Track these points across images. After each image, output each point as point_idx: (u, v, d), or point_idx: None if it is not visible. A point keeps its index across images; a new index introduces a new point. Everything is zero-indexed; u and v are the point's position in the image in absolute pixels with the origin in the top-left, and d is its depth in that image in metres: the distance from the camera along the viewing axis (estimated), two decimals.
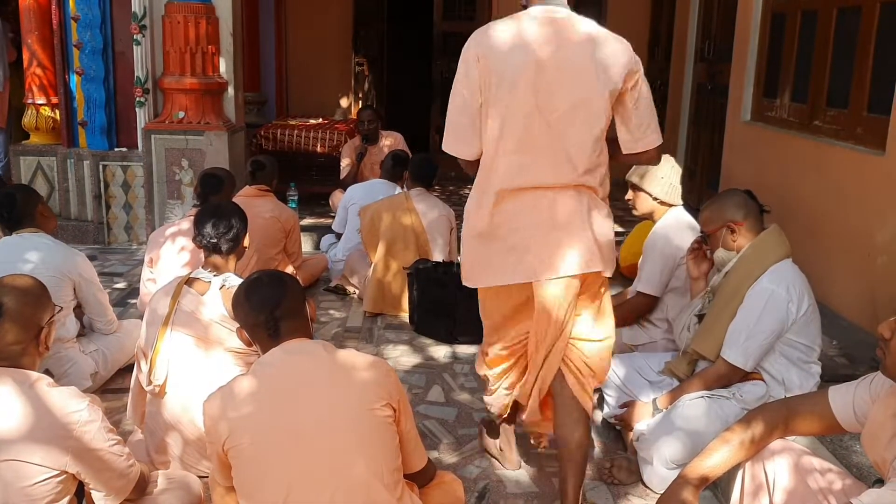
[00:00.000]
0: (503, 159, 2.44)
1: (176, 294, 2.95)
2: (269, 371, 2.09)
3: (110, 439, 2.19)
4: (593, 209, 2.50)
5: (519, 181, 2.43)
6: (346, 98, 9.22)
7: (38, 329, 2.19)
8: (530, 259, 2.43)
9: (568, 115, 2.40)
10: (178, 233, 3.96)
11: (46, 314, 2.23)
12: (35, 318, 2.18)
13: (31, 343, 2.18)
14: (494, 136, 2.44)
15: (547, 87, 2.39)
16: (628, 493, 2.95)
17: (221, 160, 5.83)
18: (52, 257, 3.49)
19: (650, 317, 3.69)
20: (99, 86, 6.01)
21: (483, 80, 2.42)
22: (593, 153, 2.44)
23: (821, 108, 4.79)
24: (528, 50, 2.38)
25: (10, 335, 2.12)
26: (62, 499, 2.13)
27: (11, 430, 2.02)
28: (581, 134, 2.41)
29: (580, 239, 2.45)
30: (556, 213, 2.43)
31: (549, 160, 2.41)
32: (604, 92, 2.39)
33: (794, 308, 2.92)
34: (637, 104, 2.48)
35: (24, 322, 2.14)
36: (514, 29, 2.43)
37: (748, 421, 2.09)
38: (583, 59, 2.40)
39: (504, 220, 2.46)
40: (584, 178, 2.45)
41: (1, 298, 2.11)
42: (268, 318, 2.13)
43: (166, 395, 2.91)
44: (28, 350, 2.18)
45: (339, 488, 1.94)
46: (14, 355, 2.14)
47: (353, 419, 2.02)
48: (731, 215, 3.05)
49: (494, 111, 2.42)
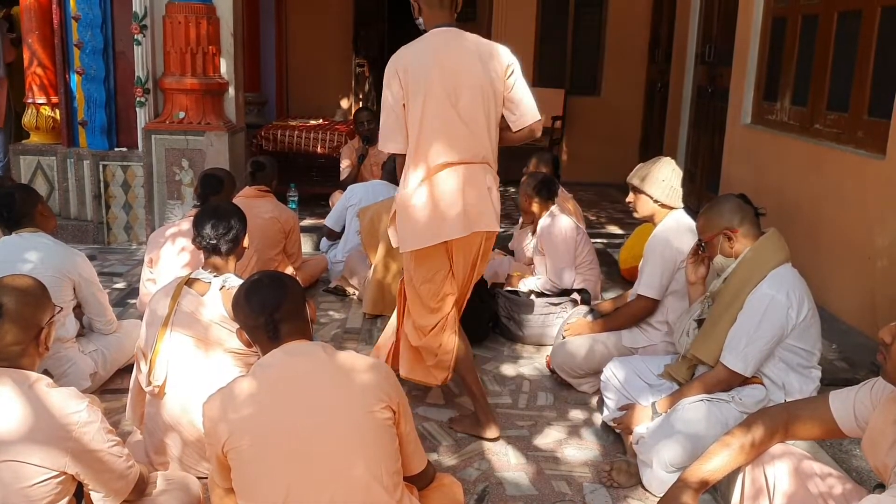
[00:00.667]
0: (425, 144, 3.07)
1: (176, 295, 2.95)
2: (269, 373, 2.09)
3: (109, 440, 2.18)
4: (492, 182, 3.20)
5: (441, 160, 3.07)
6: (347, 99, 9.22)
7: (38, 330, 2.19)
8: (462, 217, 3.08)
9: (469, 105, 3.08)
10: (178, 233, 3.95)
11: (46, 315, 2.23)
12: (35, 319, 2.18)
13: (31, 343, 2.17)
14: (416, 128, 3.07)
15: (451, 84, 3.06)
16: (628, 497, 2.94)
17: (222, 161, 5.83)
18: (52, 257, 3.48)
19: (650, 320, 3.69)
20: (99, 85, 6.01)
21: (404, 87, 3.09)
22: (492, 134, 3.17)
23: (821, 111, 4.79)
24: (434, 58, 3.09)
25: (9, 336, 2.11)
26: (61, 500, 2.12)
27: (10, 430, 2.02)
28: (480, 119, 3.11)
29: (489, 204, 3.17)
30: (474, 182, 3.11)
31: (461, 142, 3.08)
32: (492, 83, 3.11)
33: (793, 313, 2.91)
34: (514, 90, 3.19)
35: (23, 323, 2.14)
36: (422, 46, 3.14)
37: (749, 425, 2.08)
38: (473, 60, 3.11)
39: (434, 190, 3.07)
40: (487, 155, 3.16)
41: (1, 299, 2.11)
42: (267, 320, 2.13)
43: (165, 395, 2.91)
44: (28, 351, 2.17)
45: (337, 490, 1.94)
46: (13, 356, 2.13)
47: (352, 421, 2.01)
48: (726, 222, 3.05)
49: (414, 108, 3.07)
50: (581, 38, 9.18)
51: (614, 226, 7.07)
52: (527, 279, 4.68)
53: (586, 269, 4.64)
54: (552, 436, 3.41)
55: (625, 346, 3.72)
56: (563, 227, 4.52)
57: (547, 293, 4.52)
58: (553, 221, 4.54)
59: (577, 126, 8.98)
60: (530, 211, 4.72)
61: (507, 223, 6.93)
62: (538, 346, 4.39)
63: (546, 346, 4.34)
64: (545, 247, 4.55)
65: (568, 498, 2.93)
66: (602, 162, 8.93)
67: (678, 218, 3.66)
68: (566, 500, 2.92)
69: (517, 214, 7.31)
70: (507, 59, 3.17)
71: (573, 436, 3.42)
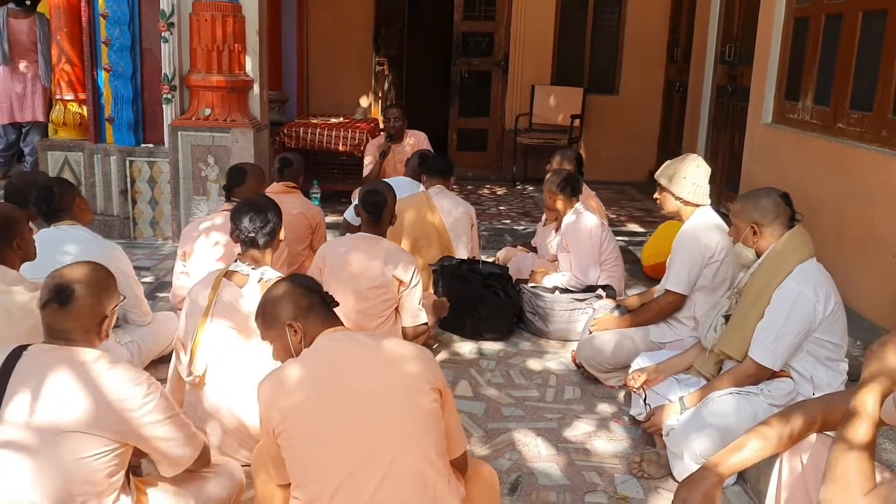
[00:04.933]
0: None
1: (216, 286, 3.01)
2: (319, 359, 2.15)
3: (171, 412, 2.26)
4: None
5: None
6: (366, 97, 9.27)
7: (102, 317, 2.26)
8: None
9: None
10: (211, 227, 4.01)
11: (111, 303, 2.30)
12: (101, 307, 2.25)
13: (94, 329, 2.25)
14: None
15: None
16: (658, 487, 2.99)
17: (247, 157, 5.89)
18: (90, 249, 3.54)
19: (678, 315, 3.74)
20: (126, 82, 6.09)
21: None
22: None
23: (844, 110, 4.82)
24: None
25: (75, 320, 2.20)
26: (119, 472, 2.20)
27: (75, 404, 2.10)
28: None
29: None
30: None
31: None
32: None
33: (820, 307, 2.96)
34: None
35: (90, 309, 2.22)
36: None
37: (787, 415, 2.11)
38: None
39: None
40: None
41: (72, 284, 2.18)
42: (322, 297, 2.24)
43: (206, 385, 2.98)
44: (89, 336, 2.25)
45: (390, 474, 1.99)
46: (76, 339, 2.21)
47: (402, 405, 2.07)
48: (759, 216, 3.08)
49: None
50: (600, 37, 9.21)
51: (634, 224, 7.10)
52: (551, 275, 4.72)
53: (611, 265, 4.68)
54: (581, 428, 3.46)
55: (652, 341, 3.77)
56: (589, 224, 4.56)
57: (571, 289, 4.56)
58: (578, 218, 4.59)
59: (596, 125, 9.01)
60: (554, 208, 4.76)
61: (528, 221, 6.99)
62: (563, 342, 4.44)
63: (571, 341, 4.38)
64: (570, 243, 4.59)
65: (600, 488, 2.98)
66: (620, 161, 8.96)
67: (706, 215, 3.70)
68: (598, 490, 2.97)
69: (536, 213, 7.38)
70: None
71: (602, 428, 3.47)
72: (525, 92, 8.99)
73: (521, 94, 9.02)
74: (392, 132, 6.56)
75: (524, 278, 4.93)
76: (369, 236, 3.88)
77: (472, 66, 9.39)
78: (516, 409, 3.63)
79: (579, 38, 9.18)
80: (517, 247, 5.63)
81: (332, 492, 1.96)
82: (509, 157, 9.05)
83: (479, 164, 9.36)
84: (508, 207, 7.69)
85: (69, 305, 2.19)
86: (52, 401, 2.11)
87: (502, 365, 4.15)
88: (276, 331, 2.28)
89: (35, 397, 2.11)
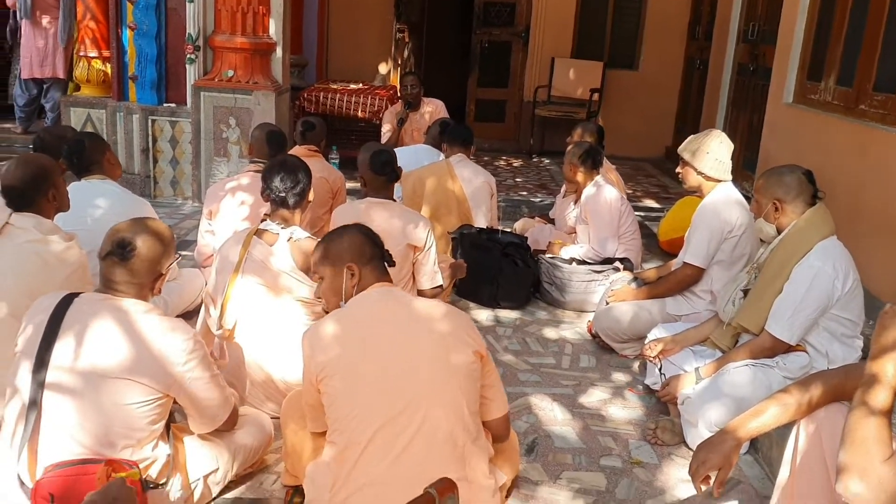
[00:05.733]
0: None
1: (246, 243, 3.08)
2: (364, 312, 2.22)
3: (212, 370, 2.35)
4: None
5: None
6: (385, 64, 9.27)
7: (158, 275, 2.33)
8: None
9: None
10: (237, 187, 4.07)
11: (168, 261, 2.37)
12: (158, 265, 2.33)
13: (148, 285, 2.32)
14: None
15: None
16: (671, 454, 3.07)
17: (268, 120, 5.92)
18: (121, 204, 3.62)
19: (695, 288, 3.79)
20: (151, 41, 6.12)
21: None
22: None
23: (867, 91, 4.82)
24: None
25: (134, 275, 2.27)
26: (159, 421, 2.29)
27: (126, 351, 2.18)
28: None
29: None
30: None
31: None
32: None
33: (839, 284, 3.01)
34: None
35: (148, 265, 2.29)
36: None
37: (807, 384, 2.17)
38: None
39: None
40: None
41: (135, 240, 2.25)
42: (383, 253, 2.33)
43: (234, 339, 3.05)
44: (143, 291, 2.32)
45: (422, 428, 2.07)
46: (130, 292, 2.29)
47: (436, 363, 2.15)
48: (782, 193, 3.12)
49: None
50: (621, 11, 9.18)
51: (650, 199, 7.14)
52: (569, 247, 4.77)
53: (629, 239, 4.73)
54: (596, 395, 3.53)
55: (668, 314, 3.82)
56: (609, 197, 4.60)
57: (589, 261, 4.62)
58: (599, 191, 4.63)
59: (614, 100, 9.01)
60: (575, 180, 4.80)
61: (545, 193, 7.03)
62: (579, 312, 4.50)
63: (587, 312, 4.45)
64: (590, 216, 4.64)
65: (615, 452, 3.06)
66: (638, 136, 8.97)
67: (727, 190, 3.74)
68: (613, 454, 3.05)
69: (553, 185, 7.42)
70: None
71: (617, 396, 3.54)
72: (545, 64, 8.98)
73: (541, 66, 9.02)
74: (410, 100, 6.59)
75: (541, 249, 4.98)
76: (382, 201, 3.87)
77: (493, 36, 9.38)
78: (532, 374, 3.70)
79: (601, 11, 9.16)
80: (535, 217, 5.68)
81: (367, 439, 2.05)
82: (527, 129, 9.07)
83: (496, 136, 9.38)
84: (525, 179, 7.72)
85: (129, 261, 2.26)
86: (96, 346, 2.19)
87: (519, 332, 4.21)
88: (335, 269, 2.33)
89: (81, 342, 2.19)
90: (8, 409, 2.26)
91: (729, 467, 2.13)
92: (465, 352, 2.18)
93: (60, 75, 7.22)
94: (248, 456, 2.65)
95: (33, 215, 2.93)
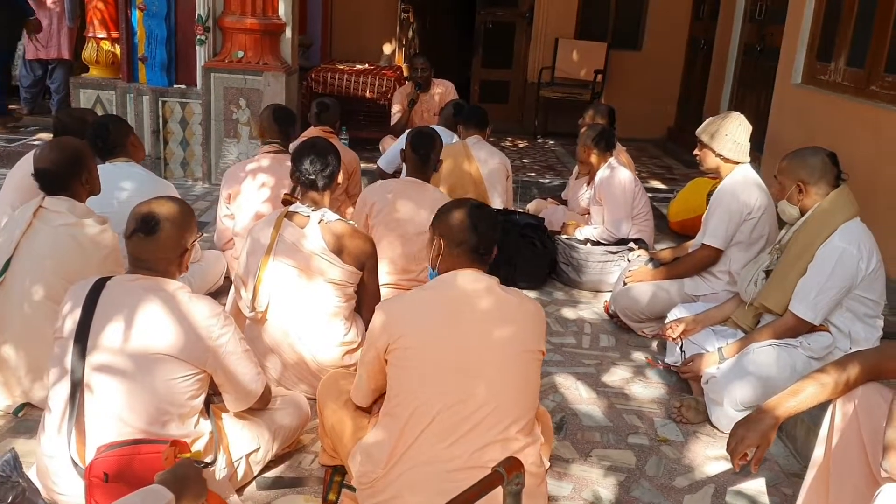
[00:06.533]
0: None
1: (277, 225, 3.10)
2: (448, 293, 2.28)
3: (244, 347, 2.40)
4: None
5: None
6: (390, 45, 9.24)
7: (184, 250, 2.37)
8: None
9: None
10: (257, 169, 4.08)
11: (191, 237, 2.41)
12: (182, 241, 2.37)
13: (175, 261, 2.36)
14: None
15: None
16: (696, 432, 3.13)
17: (278, 101, 5.92)
18: (145, 186, 3.63)
19: (713, 269, 3.83)
20: (160, 22, 6.10)
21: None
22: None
23: (879, 72, 4.86)
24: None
25: (160, 251, 2.32)
26: (199, 396, 2.37)
27: (163, 328, 2.25)
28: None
29: None
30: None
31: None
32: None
33: (863, 265, 3.06)
34: None
35: (174, 240, 2.34)
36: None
37: (843, 363, 2.22)
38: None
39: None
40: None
41: (158, 215, 2.29)
42: (478, 247, 2.30)
43: (267, 321, 3.09)
44: (171, 268, 2.36)
45: (487, 412, 2.13)
46: (159, 269, 2.33)
47: (510, 353, 2.22)
48: (805, 175, 3.16)
49: None
50: None
51: (656, 180, 7.18)
52: (583, 228, 4.81)
53: (642, 220, 4.77)
54: (618, 374, 3.59)
55: (686, 294, 3.87)
56: (623, 179, 4.64)
57: (603, 242, 4.66)
58: (613, 173, 4.67)
59: (618, 80, 9.01)
60: (588, 162, 4.83)
61: (553, 174, 7.06)
62: (595, 293, 4.55)
63: (603, 292, 4.50)
64: (604, 197, 4.67)
65: (641, 430, 3.12)
66: (641, 117, 8.96)
67: (745, 172, 3.78)
68: (639, 432, 3.11)
69: (559, 167, 7.45)
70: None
71: (638, 375, 3.60)
72: (549, 45, 8.97)
73: (545, 47, 9.01)
74: (420, 81, 6.59)
75: (556, 230, 5.02)
76: (415, 181, 3.94)
77: (497, 16, 9.36)
78: (555, 354, 3.75)
79: None
80: (547, 199, 5.71)
81: (431, 417, 2.11)
82: (531, 110, 9.08)
83: (500, 117, 9.34)
84: (532, 160, 7.74)
85: (155, 235, 2.30)
86: (144, 327, 2.24)
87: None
88: (432, 233, 2.39)
89: (128, 324, 2.23)
90: (53, 392, 2.30)
91: (766, 445, 2.18)
92: (537, 348, 2.25)
93: (66, 56, 7.20)
94: (288, 436, 2.70)
95: (67, 198, 2.97)
